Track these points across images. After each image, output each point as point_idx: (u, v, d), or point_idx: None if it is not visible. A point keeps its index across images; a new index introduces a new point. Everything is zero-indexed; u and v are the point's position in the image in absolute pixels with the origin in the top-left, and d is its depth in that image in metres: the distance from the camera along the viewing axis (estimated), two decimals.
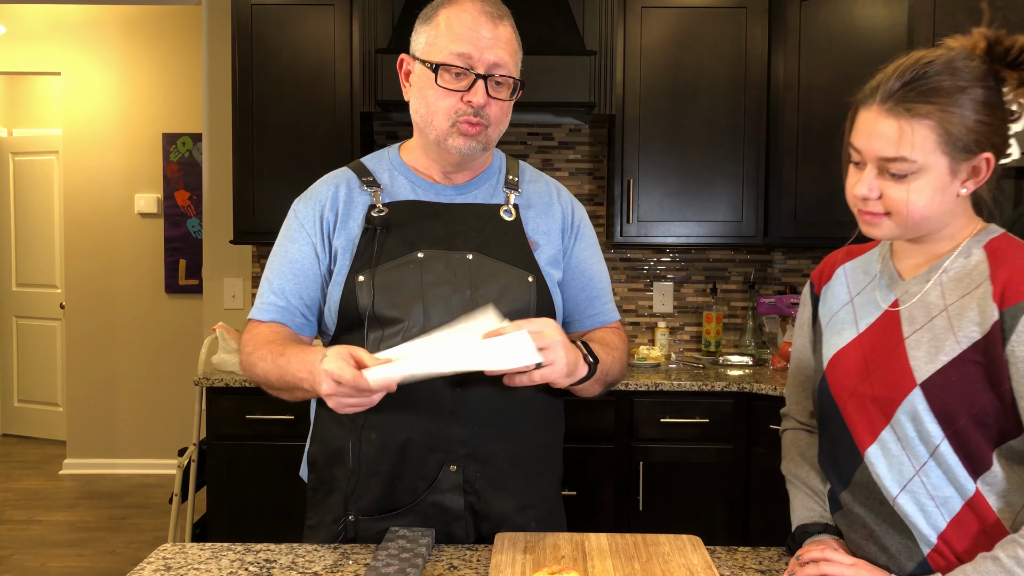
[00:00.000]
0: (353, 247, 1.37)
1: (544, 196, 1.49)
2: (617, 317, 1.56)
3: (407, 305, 1.33)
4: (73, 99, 5.08)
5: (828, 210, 3.06)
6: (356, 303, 1.34)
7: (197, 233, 5.09)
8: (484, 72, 1.32)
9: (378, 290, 1.33)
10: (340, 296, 1.35)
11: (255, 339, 1.37)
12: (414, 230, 1.37)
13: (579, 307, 1.50)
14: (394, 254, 1.35)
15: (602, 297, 1.52)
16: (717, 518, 2.96)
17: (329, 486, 1.39)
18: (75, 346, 5.16)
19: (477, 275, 1.36)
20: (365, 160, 1.48)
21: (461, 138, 1.35)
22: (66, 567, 3.71)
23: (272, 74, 3.18)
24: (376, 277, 1.34)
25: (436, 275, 1.34)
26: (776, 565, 1.27)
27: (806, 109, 3.10)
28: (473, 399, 1.33)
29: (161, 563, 1.26)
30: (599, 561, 1.23)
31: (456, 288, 1.34)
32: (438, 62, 1.33)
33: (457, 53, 1.32)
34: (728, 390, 2.92)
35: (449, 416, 1.32)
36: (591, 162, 3.57)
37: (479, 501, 1.35)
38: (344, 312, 1.35)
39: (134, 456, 5.15)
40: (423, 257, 1.35)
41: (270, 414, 2.91)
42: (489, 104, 1.34)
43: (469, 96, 1.32)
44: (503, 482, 1.36)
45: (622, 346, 1.48)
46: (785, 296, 3.33)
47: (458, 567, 1.25)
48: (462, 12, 1.33)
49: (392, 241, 1.36)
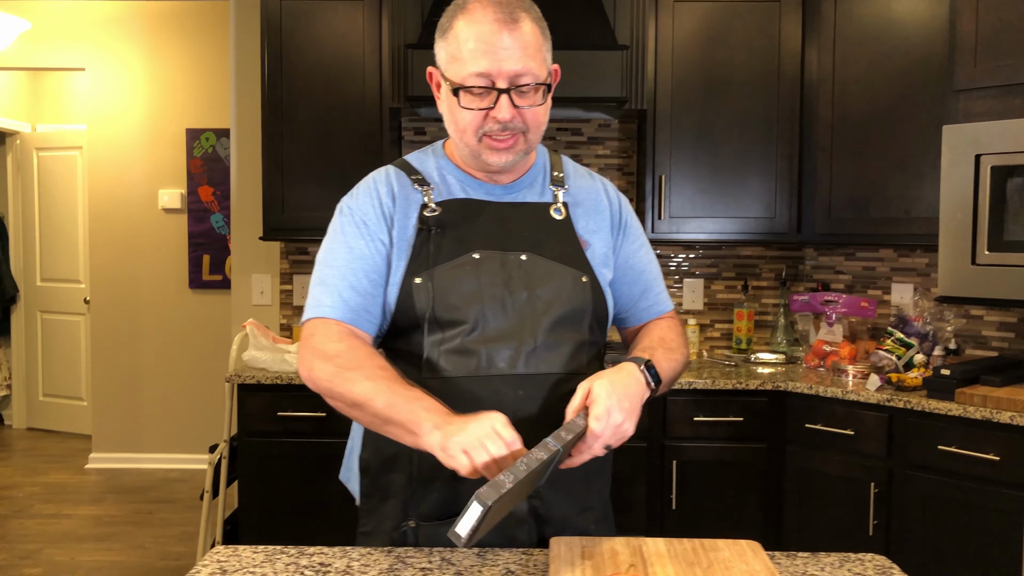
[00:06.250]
0: (408, 247, 1.34)
1: (591, 193, 1.47)
2: (671, 305, 1.54)
3: (466, 307, 1.31)
4: (97, 95, 5.09)
5: (863, 207, 3.02)
6: (414, 305, 1.31)
7: (221, 229, 5.10)
8: (507, 85, 1.27)
9: (437, 292, 1.30)
10: (397, 298, 1.33)
11: (358, 355, 1.26)
12: (468, 230, 1.35)
13: (633, 301, 1.49)
14: (451, 255, 1.33)
15: (654, 287, 1.50)
16: (750, 518, 2.94)
17: (385, 492, 1.37)
18: (100, 341, 5.19)
19: (532, 276, 1.34)
20: (409, 158, 1.45)
21: (494, 153, 1.32)
22: (95, 561, 3.73)
23: (301, 69, 3.16)
24: (434, 279, 1.31)
25: (492, 276, 1.32)
26: (839, 572, 1.25)
27: (841, 104, 3.06)
28: (536, 402, 1.31)
29: (216, 566, 1.25)
30: (659, 567, 1.21)
31: (512, 289, 1.32)
32: (457, 83, 1.29)
33: (476, 73, 1.27)
34: (763, 388, 2.89)
35: (512, 418, 1.30)
36: (620, 157, 3.54)
37: (542, 504, 1.33)
38: (401, 314, 1.33)
39: (159, 451, 5.17)
40: (479, 258, 1.33)
41: (301, 411, 2.91)
42: (519, 113, 1.30)
43: (494, 113, 1.29)
44: (565, 485, 1.34)
45: (681, 340, 1.46)
46: (818, 293, 3.30)
47: (515, 571, 1.23)
48: (475, 23, 1.27)
49: (447, 241, 1.34)
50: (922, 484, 2.58)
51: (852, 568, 1.26)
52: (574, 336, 1.35)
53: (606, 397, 1.21)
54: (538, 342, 1.32)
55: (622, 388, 1.24)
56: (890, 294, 3.30)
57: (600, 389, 1.22)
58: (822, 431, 2.80)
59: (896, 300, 3.27)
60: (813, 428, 2.82)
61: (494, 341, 1.31)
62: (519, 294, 1.32)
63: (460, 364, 1.31)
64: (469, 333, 1.30)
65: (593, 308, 1.36)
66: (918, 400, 2.58)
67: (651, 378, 1.30)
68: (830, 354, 3.11)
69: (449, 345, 1.30)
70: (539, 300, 1.32)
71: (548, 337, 1.32)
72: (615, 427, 1.21)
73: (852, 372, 2.92)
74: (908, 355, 2.92)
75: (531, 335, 1.32)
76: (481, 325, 1.30)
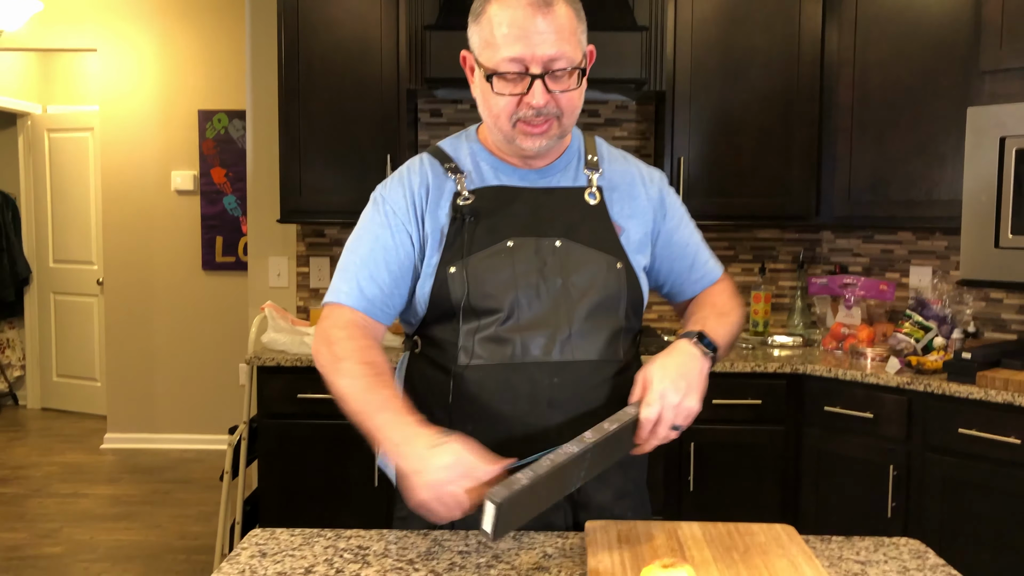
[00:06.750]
0: (442, 236, 1.34)
1: (627, 177, 1.46)
2: (720, 270, 1.54)
3: (501, 296, 1.31)
4: (109, 76, 5.08)
5: (883, 189, 3.01)
6: (449, 295, 1.31)
7: (234, 211, 5.10)
8: (541, 71, 1.26)
9: (472, 281, 1.31)
10: (431, 287, 1.33)
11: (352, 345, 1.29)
12: (502, 217, 1.35)
13: (683, 276, 1.50)
14: (484, 243, 1.33)
15: (700, 257, 1.51)
16: (767, 499, 2.95)
17: None
18: (114, 322, 5.21)
19: (567, 263, 1.34)
20: (443, 144, 1.45)
21: (528, 139, 1.32)
22: (115, 540, 3.77)
23: (317, 51, 3.15)
24: (468, 268, 1.31)
25: (527, 264, 1.32)
26: (873, 556, 1.25)
27: (862, 85, 3.04)
28: (570, 389, 1.32)
29: (255, 549, 1.26)
30: (696, 551, 1.21)
31: (546, 277, 1.32)
32: (490, 69, 1.28)
33: (509, 58, 1.25)
34: (781, 371, 2.90)
35: (548, 406, 1.31)
36: (638, 139, 3.52)
37: (579, 491, 1.34)
38: (436, 303, 1.33)
39: (173, 431, 5.20)
40: (513, 246, 1.33)
41: (321, 393, 2.90)
42: (553, 98, 1.29)
43: (528, 98, 1.28)
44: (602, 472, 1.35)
45: (733, 302, 1.47)
46: (837, 276, 3.29)
47: (552, 555, 1.24)
48: (509, 7, 1.25)
49: (481, 230, 1.33)
50: (942, 467, 2.58)
51: (887, 552, 1.27)
52: (609, 323, 1.36)
53: (658, 381, 1.22)
54: (573, 329, 1.32)
55: (675, 368, 1.24)
56: (908, 277, 3.29)
57: (651, 374, 1.23)
58: (841, 414, 2.80)
59: (914, 283, 3.26)
60: (832, 411, 2.82)
61: (529, 329, 1.31)
62: (553, 281, 1.32)
63: (495, 352, 1.31)
64: (504, 321, 1.30)
65: (628, 294, 1.36)
66: (939, 383, 2.58)
67: (707, 348, 1.31)
68: (848, 337, 3.11)
69: (484, 333, 1.30)
70: (574, 287, 1.32)
71: (583, 324, 1.33)
72: (675, 407, 1.22)
73: (871, 355, 2.92)
74: (927, 338, 2.91)
75: (566, 322, 1.32)
76: (516, 313, 1.30)
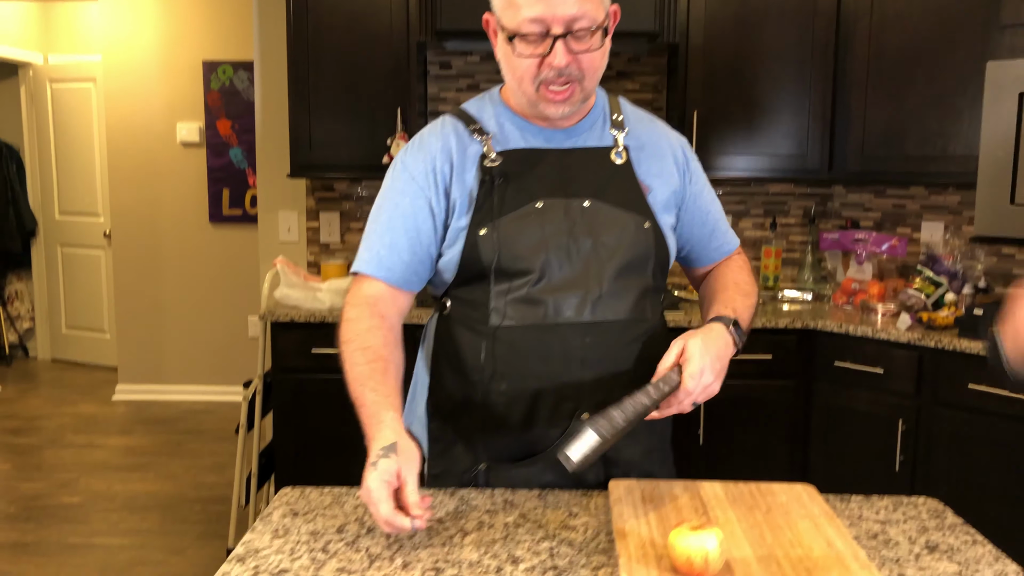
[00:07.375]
0: (470, 199, 1.34)
1: (653, 136, 1.45)
2: (737, 241, 1.57)
3: (532, 257, 1.31)
4: (111, 25, 5.01)
5: (897, 144, 2.99)
6: (480, 257, 1.32)
7: (240, 163, 5.08)
8: (562, 31, 1.25)
9: (502, 243, 1.31)
10: (462, 250, 1.34)
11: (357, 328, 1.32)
12: (530, 178, 1.34)
13: (703, 243, 1.51)
14: (514, 205, 1.33)
15: (720, 226, 1.52)
16: (776, 454, 2.99)
17: (454, 436, 1.41)
18: (122, 274, 5.22)
19: (595, 223, 1.34)
20: (466, 106, 1.44)
21: (551, 105, 1.31)
22: (131, 490, 3.83)
23: (327, 3, 3.10)
24: (499, 230, 1.32)
25: (557, 225, 1.32)
26: (893, 515, 1.28)
27: (878, 39, 3.00)
28: (602, 349, 1.34)
29: (287, 508, 1.29)
30: (720, 511, 1.24)
31: (576, 237, 1.33)
32: (512, 30, 1.27)
33: (530, 19, 1.24)
34: (792, 327, 2.91)
35: (580, 365, 1.32)
36: (650, 92, 3.49)
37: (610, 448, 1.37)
38: (466, 266, 1.34)
39: (184, 382, 5.25)
40: (542, 207, 1.33)
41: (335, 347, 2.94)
42: (575, 59, 1.27)
43: (549, 59, 1.26)
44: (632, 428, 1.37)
45: (751, 279, 1.50)
46: (848, 231, 3.29)
47: (577, 513, 1.27)
48: None
49: (510, 191, 1.33)
50: (951, 422, 2.61)
51: (906, 512, 1.29)
52: (639, 282, 1.37)
53: (700, 356, 1.24)
54: (603, 289, 1.33)
55: (714, 349, 1.26)
56: (920, 232, 3.29)
57: (695, 348, 1.25)
58: (851, 369, 2.82)
59: (926, 238, 3.26)
60: (842, 366, 2.85)
61: (560, 290, 1.32)
62: (583, 242, 1.33)
63: (527, 313, 1.32)
64: (536, 283, 1.31)
65: (656, 254, 1.37)
66: (950, 339, 2.60)
67: (738, 338, 1.34)
68: (859, 292, 3.12)
69: (516, 295, 1.31)
70: (603, 247, 1.33)
71: (613, 284, 1.34)
72: (705, 387, 1.24)
73: (881, 311, 2.93)
74: (937, 293, 2.92)
75: (596, 283, 1.33)
76: (547, 274, 1.31)
